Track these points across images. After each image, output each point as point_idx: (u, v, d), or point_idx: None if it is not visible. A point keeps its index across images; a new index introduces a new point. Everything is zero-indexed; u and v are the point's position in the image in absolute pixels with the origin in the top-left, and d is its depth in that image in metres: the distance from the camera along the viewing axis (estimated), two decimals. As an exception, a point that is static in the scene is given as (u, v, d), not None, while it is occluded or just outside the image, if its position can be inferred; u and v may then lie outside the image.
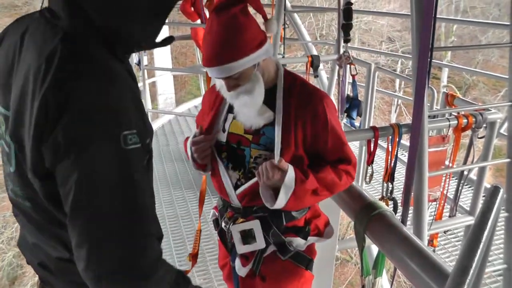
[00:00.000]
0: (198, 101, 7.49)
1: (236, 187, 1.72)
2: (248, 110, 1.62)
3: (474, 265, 0.83)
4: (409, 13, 2.10)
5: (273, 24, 1.66)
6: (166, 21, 1.18)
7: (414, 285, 1.36)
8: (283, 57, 4.96)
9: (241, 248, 1.72)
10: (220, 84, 1.66)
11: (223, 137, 1.73)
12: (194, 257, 2.28)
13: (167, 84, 10.48)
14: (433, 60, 5.26)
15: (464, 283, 0.78)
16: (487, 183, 3.21)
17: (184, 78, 18.17)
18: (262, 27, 1.62)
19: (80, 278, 0.98)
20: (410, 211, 2.27)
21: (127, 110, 0.97)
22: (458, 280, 0.79)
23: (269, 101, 1.64)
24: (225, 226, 1.80)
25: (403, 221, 1.95)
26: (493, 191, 1.11)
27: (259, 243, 1.70)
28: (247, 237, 1.69)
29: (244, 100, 1.60)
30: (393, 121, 17.13)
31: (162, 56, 9.92)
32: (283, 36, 5.02)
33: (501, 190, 1.12)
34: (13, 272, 14.86)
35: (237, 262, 1.78)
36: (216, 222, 1.90)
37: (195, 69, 6.73)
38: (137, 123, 0.98)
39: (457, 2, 18.89)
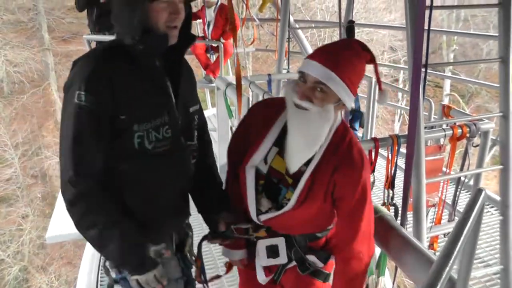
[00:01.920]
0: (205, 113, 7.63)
1: (260, 212, 1.75)
2: (301, 135, 1.57)
3: (456, 251, 1.01)
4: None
5: (387, 97, 1.72)
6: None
7: (409, 275, 1.54)
8: (288, 71, 5.11)
9: (265, 261, 1.80)
10: (290, 92, 1.59)
11: (264, 168, 1.71)
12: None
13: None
14: (432, 71, 5.38)
15: (447, 266, 0.95)
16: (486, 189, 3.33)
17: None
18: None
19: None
20: (410, 216, 2.43)
21: (95, 82, 1.43)
22: (442, 264, 0.96)
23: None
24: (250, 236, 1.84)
25: (402, 223, 2.11)
26: (477, 193, 1.29)
27: (282, 258, 1.78)
28: (271, 251, 1.77)
29: (299, 125, 1.55)
30: (397, 130, 17.25)
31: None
32: (287, 50, 5.21)
33: (483, 192, 1.29)
34: (19, 286, 14.91)
35: (260, 271, 1.86)
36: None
37: (202, 84, 6.91)
38: (101, 93, 1.42)
39: (458, 11, 19.03)
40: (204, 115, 1.92)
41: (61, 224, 4.87)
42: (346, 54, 1.52)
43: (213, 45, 6.31)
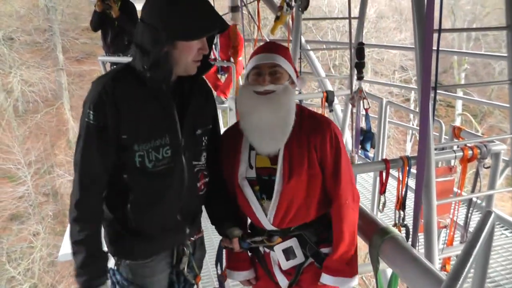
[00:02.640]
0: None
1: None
2: (273, 114, 1.78)
3: (465, 272, 1.02)
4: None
5: (304, 83, 2.04)
6: None
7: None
8: (300, 92, 5.15)
9: (286, 264, 1.91)
10: (250, 87, 1.84)
11: (252, 173, 1.89)
12: None
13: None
14: (443, 92, 5.37)
15: (455, 287, 0.97)
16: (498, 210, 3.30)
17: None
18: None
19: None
20: (422, 237, 2.43)
21: (101, 103, 1.58)
22: (450, 284, 0.98)
23: None
24: (263, 248, 1.96)
25: (413, 244, 2.12)
26: (486, 215, 1.31)
27: (299, 257, 1.90)
28: (288, 253, 1.89)
29: (272, 104, 1.78)
30: (409, 150, 17.16)
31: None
32: (299, 71, 5.26)
33: (493, 214, 1.31)
34: (29, 303, 14.99)
35: (281, 277, 1.96)
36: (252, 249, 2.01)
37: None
38: (105, 112, 1.58)
39: (469, 30, 19.05)
40: (220, 135, 2.02)
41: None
42: (279, 47, 1.90)
43: (224, 66, 6.38)
